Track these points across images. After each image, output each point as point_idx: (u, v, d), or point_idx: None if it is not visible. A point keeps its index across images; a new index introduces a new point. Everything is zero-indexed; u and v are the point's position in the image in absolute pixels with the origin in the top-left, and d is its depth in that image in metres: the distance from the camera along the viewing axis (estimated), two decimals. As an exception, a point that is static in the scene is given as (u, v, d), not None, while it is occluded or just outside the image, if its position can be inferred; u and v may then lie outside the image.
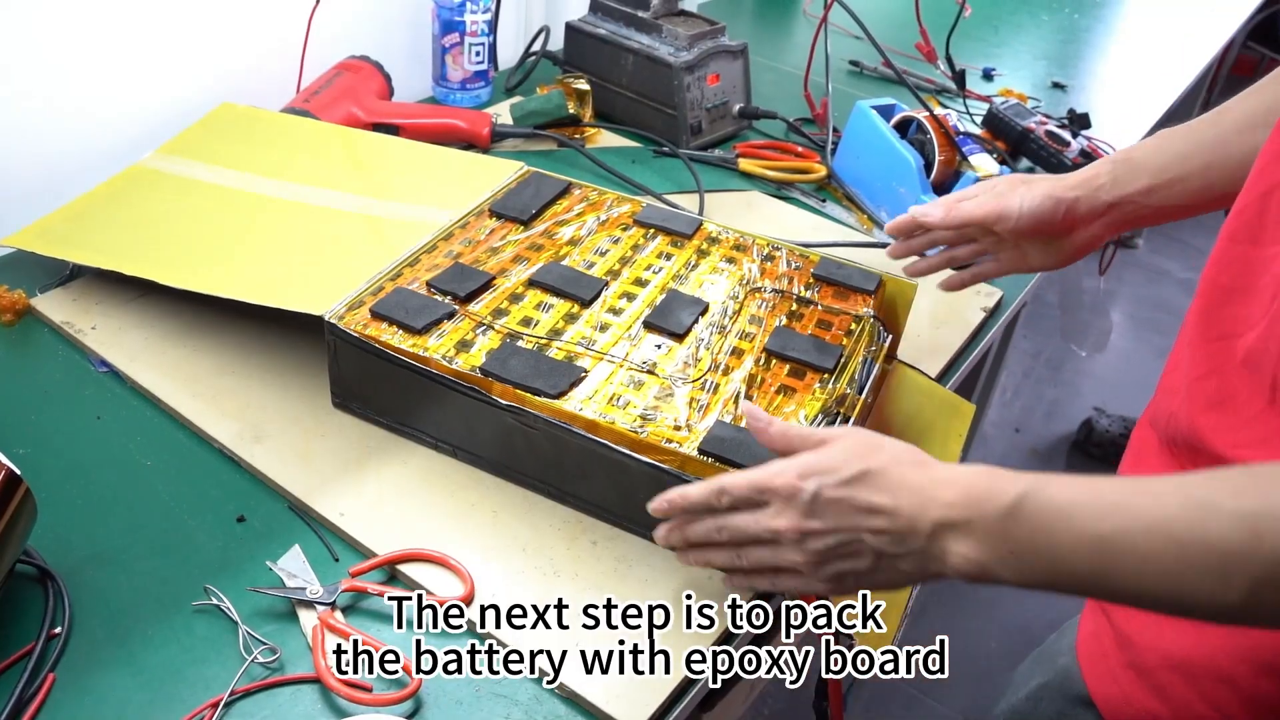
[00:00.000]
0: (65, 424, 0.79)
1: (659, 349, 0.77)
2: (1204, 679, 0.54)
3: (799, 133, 1.31)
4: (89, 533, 0.70)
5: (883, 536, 0.55)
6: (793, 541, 0.58)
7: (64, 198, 0.97)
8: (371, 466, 0.77)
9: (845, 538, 0.56)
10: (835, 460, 0.57)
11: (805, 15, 1.80)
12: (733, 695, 0.73)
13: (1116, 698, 0.59)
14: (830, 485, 0.56)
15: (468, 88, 1.31)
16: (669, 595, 0.69)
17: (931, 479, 0.55)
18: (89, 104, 1.03)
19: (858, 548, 0.56)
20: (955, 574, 0.54)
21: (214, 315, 0.88)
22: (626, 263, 0.86)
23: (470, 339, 0.76)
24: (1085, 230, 0.80)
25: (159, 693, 0.61)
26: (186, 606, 0.66)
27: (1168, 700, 0.56)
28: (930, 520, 0.53)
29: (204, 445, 0.78)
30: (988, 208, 0.80)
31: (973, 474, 0.54)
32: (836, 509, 0.56)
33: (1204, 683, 0.54)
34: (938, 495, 0.53)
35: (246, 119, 1.09)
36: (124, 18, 1.02)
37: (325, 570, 0.69)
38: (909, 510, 0.54)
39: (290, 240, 0.90)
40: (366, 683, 0.63)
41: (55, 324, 0.88)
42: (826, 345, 0.78)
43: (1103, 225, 0.79)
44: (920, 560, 0.55)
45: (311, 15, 1.17)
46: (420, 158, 1.02)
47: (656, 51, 1.24)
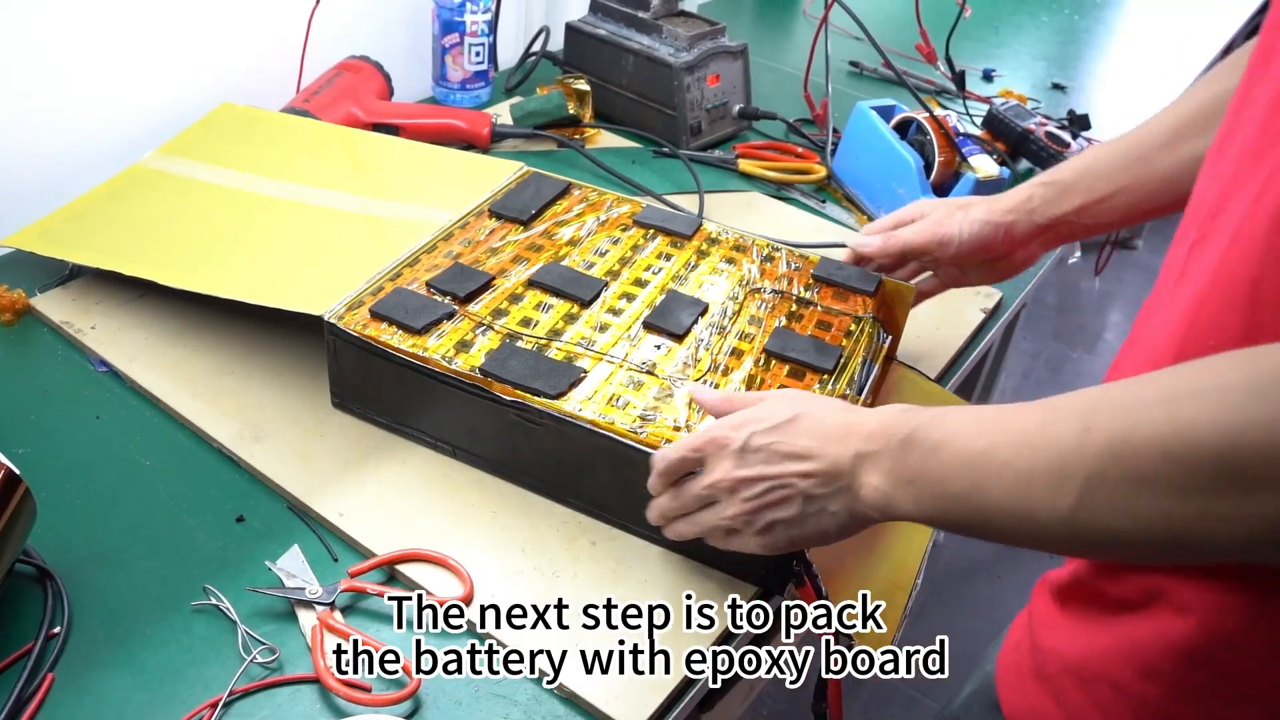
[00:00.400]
0: (65, 424, 0.79)
1: (658, 349, 0.77)
2: (1094, 683, 0.54)
3: (799, 133, 1.31)
4: (88, 532, 0.70)
5: (810, 479, 0.58)
6: (728, 492, 0.61)
7: (64, 198, 0.97)
8: (371, 466, 0.77)
9: (775, 484, 0.59)
10: (764, 411, 0.60)
11: (805, 16, 1.80)
12: (732, 695, 0.73)
13: (1022, 708, 0.59)
14: (759, 432, 0.59)
15: (468, 88, 1.31)
16: (669, 595, 0.69)
17: (855, 419, 0.57)
18: (89, 104, 1.03)
19: (788, 493, 0.59)
20: (868, 507, 0.56)
21: (214, 315, 0.88)
22: (626, 263, 0.86)
23: (470, 339, 0.76)
24: (1023, 250, 0.84)
25: (158, 692, 0.61)
26: (185, 606, 0.66)
27: (1064, 705, 0.56)
28: (851, 454, 0.56)
29: (203, 445, 0.78)
30: (927, 235, 0.83)
31: (889, 410, 0.57)
32: (766, 455, 0.59)
33: (1094, 687, 0.54)
34: (858, 430, 0.56)
35: (246, 119, 1.09)
36: (124, 18, 1.02)
37: (324, 570, 0.69)
38: (833, 451, 0.57)
39: (290, 240, 0.90)
40: (366, 683, 0.63)
41: (55, 324, 0.88)
42: (826, 346, 0.78)
43: (1039, 244, 0.83)
44: (845, 499, 0.57)
45: (311, 15, 1.17)
46: (420, 158, 1.02)
47: (656, 52, 1.24)
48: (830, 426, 0.58)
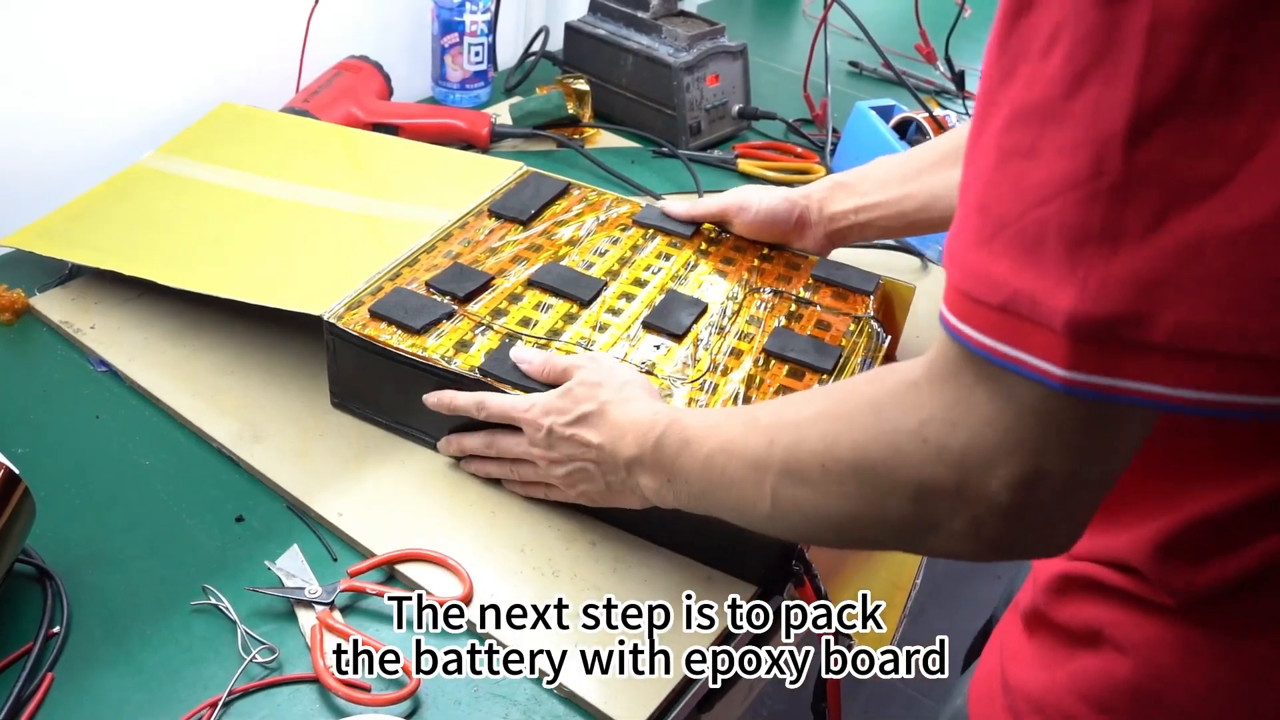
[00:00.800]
0: (64, 423, 0.79)
1: (658, 349, 0.77)
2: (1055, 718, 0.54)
3: (798, 133, 1.31)
4: (88, 532, 0.70)
5: (601, 465, 0.66)
6: (542, 463, 0.69)
7: (64, 198, 0.97)
8: (370, 466, 0.77)
9: (576, 466, 0.67)
10: (566, 402, 0.67)
11: (805, 16, 1.80)
12: (732, 695, 0.73)
13: None
14: (560, 424, 0.67)
15: (467, 88, 1.31)
16: (669, 595, 0.69)
17: (635, 414, 0.64)
18: (89, 104, 1.03)
19: (588, 473, 0.67)
20: (652, 496, 0.63)
21: (213, 315, 0.88)
22: (625, 263, 0.86)
23: (469, 339, 0.76)
24: (810, 236, 0.88)
25: (157, 692, 0.61)
26: (185, 606, 0.66)
27: None
28: (623, 458, 0.63)
29: (203, 445, 0.78)
30: (727, 202, 0.89)
31: (643, 412, 0.64)
32: (566, 444, 0.67)
33: None
34: (633, 430, 0.63)
35: (246, 119, 1.09)
36: (124, 18, 1.02)
37: (324, 570, 0.69)
38: (610, 448, 0.64)
39: (290, 240, 0.90)
40: (365, 683, 0.62)
41: (54, 323, 0.88)
42: (825, 346, 0.78)
43: (825, 235, 0.88)
44: (634, 482, 0.64)
45: (311, 15, 1.17)
46: (419, 158, 1.02)
47: (656, 52, 1.24)
48: (616, 423, 0.65)
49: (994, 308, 0.39)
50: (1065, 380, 0.37)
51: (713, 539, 0.70)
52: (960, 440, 0.42)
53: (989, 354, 0.39)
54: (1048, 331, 0.37)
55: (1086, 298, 0.35)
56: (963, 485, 0.42)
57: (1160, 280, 0.35)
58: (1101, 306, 0.35)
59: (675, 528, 0.71)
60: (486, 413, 0.71)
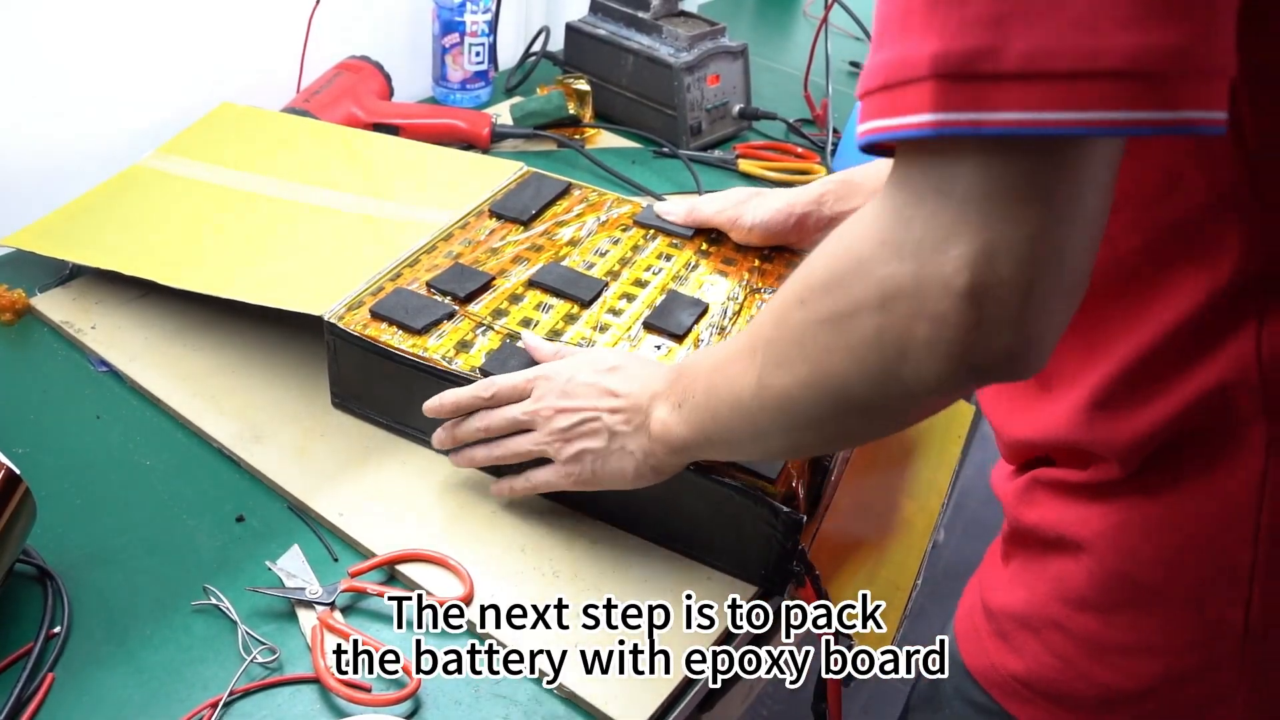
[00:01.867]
0: (65, 423, 0.79)
1: (659, 350, 0.77)
2: (1042, 628, 0.57)
3: (799, 134, 1.31)
4: (88, 532, 0.70)
5: (617, 415, 0.66)
6: (545, 420, 0.68)
7: (64, 198, 0.97)
8: (370, 466, 0.77)
9: (589, 415, 0.66)
10: (593, 356, 0.70)
11: (805, 16, 1.80)
12: (732, 695, 0.73)
13: (986, 668, 0.61)
14: (587, 370, 0.68)
15: (468, 88, 1.31)
16: (669, 595, 0.69)
17: (661, 370, 0.66)
18: (89, 104, 1.03)
19: (597, 426, 0.66)
20: (654, 441, 0.64)
21: (214, 315, 0.88)
22: (626, 263, 0.86)
23: (470, 339, 0.76)
24: (813, 240, 0.87)
25: (158, 692, 0.61)
26: (185, 606, 0.66)
27: (1023, 656, 0.59)
28: (649, 394, 0.65)
29: (203, 445, 0.78)
30: (724, 216, 0.88)
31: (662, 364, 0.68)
32: (587, 390, 0.67)
33: (1044, 633, 0.57)
34: (660, 377, 0.65)
35: (246, 119, 1.09)
36: (124, 18, 1.02)
37: (324, 570, 0.69)
38: (638, 392, 0.65)
39: (290, 240, 0.90)
40: (366, 683, 0.63)
41: (55, 323, 0.88)
42: (826, 346, 0.78)
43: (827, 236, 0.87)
44: (641, 439, 0.65)
45: (311, 15, 1.17)
46: (420, 158, 1.02)
47: (656, 52, 1.24)
48: (641, 376, 0.66)
49: (877, 91, 0.42)
50: (935, 124, 0.40)
51: (713, 538, 0.70)
52: (914, 233, 0.43)
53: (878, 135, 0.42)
54: (916, 86, 0.40)
55: (946, 37, 0.39)
56: (920, 274, 0.43)
57: (1007, 13, 0.38)
58: (959, 42, 0.39)
59: (676, 527, 0.71)
60: (497, 389, 0.70)
